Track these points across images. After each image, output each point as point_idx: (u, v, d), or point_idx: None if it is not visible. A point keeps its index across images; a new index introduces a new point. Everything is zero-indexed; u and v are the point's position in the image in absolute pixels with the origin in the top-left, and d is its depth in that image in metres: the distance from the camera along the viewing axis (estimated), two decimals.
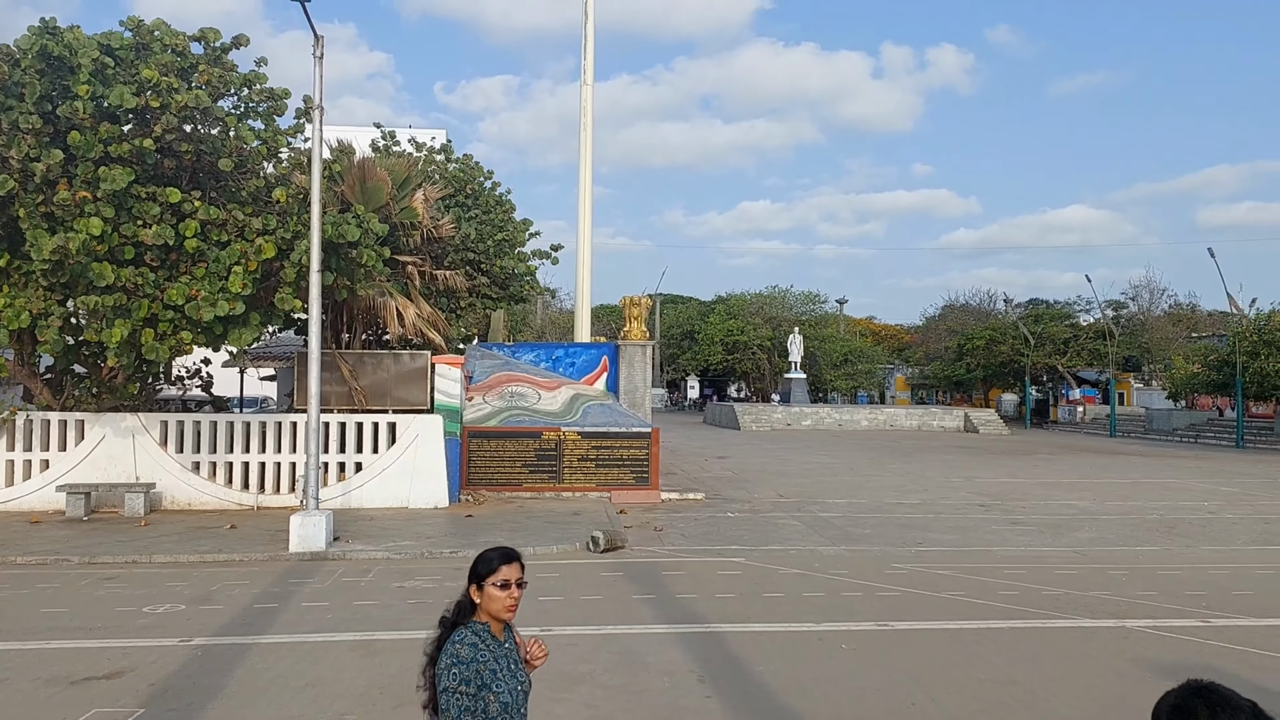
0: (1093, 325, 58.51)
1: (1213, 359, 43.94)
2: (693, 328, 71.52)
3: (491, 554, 3.30)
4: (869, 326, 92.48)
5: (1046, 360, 57.17)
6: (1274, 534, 15.00)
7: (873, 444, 36.86)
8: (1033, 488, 21.64)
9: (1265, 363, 38.75)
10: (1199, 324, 63.80)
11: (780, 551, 12.97)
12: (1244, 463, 30.41)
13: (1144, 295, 66.12)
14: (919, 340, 79.08)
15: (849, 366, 65.88)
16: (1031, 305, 71.59)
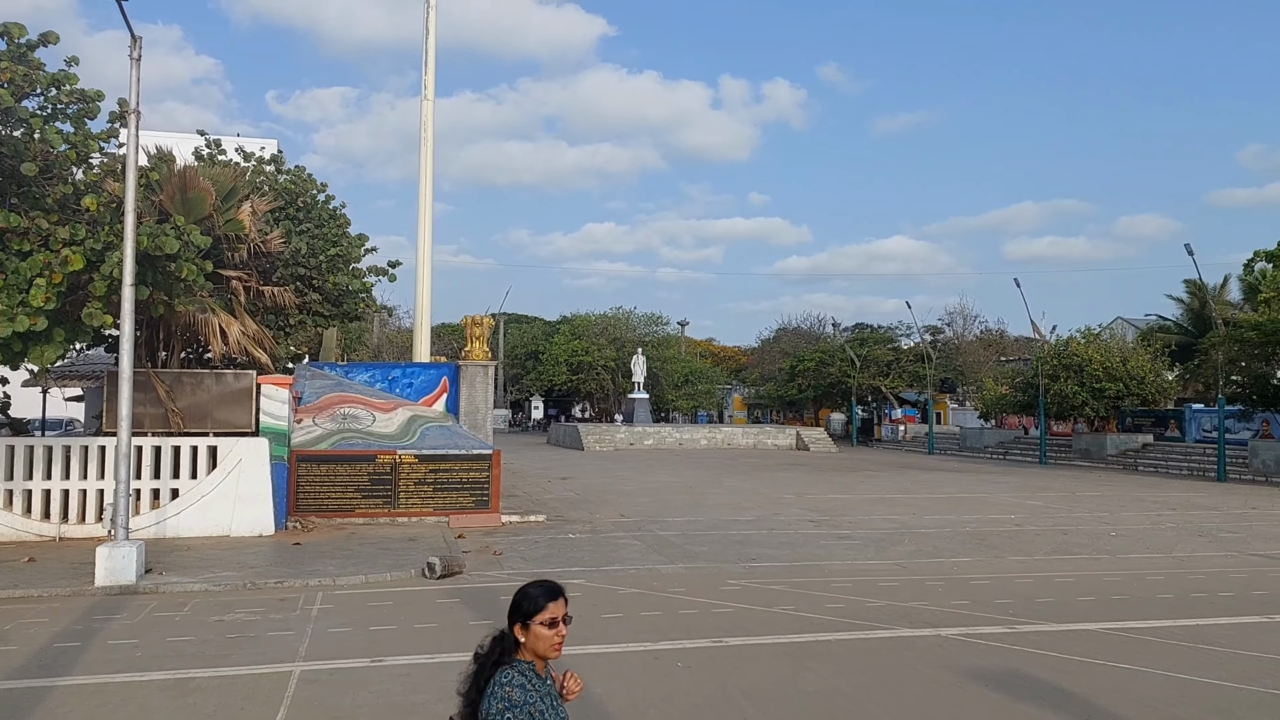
0: (913, 349, 62.05)
1: (1019, 381, 47.43)
2: (537, 348, 71.27)
3: (536, 591, 3.24)
4: (709, 348, 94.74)
5: (871, 381, 60.14)
6: (1072, 544, 16.26)
7: (711, 462, 37.69)
8: (859, 503, 22.66)
9: (1064, 385, 42.13)
10: (1007, 348, 68.70)
11: (620, 571, 13.04)
12: (1046, 478, 32.90)
13: (958, 321, 70.65)
14: (755, 362, 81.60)
15: (690, 387, 67.27)
16: (858, 329, 75.24)
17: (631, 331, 68.77)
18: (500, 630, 3.26)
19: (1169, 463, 37.75)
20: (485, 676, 3.13)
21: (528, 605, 3.19)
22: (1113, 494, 26.36)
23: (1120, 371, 41.57)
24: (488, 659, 3.18)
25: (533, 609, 3.19)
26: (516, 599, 3.22)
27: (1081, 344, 43.99)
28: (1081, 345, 43.73)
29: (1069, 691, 7.70)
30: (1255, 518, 20.78)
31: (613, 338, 67.07)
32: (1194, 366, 45.11)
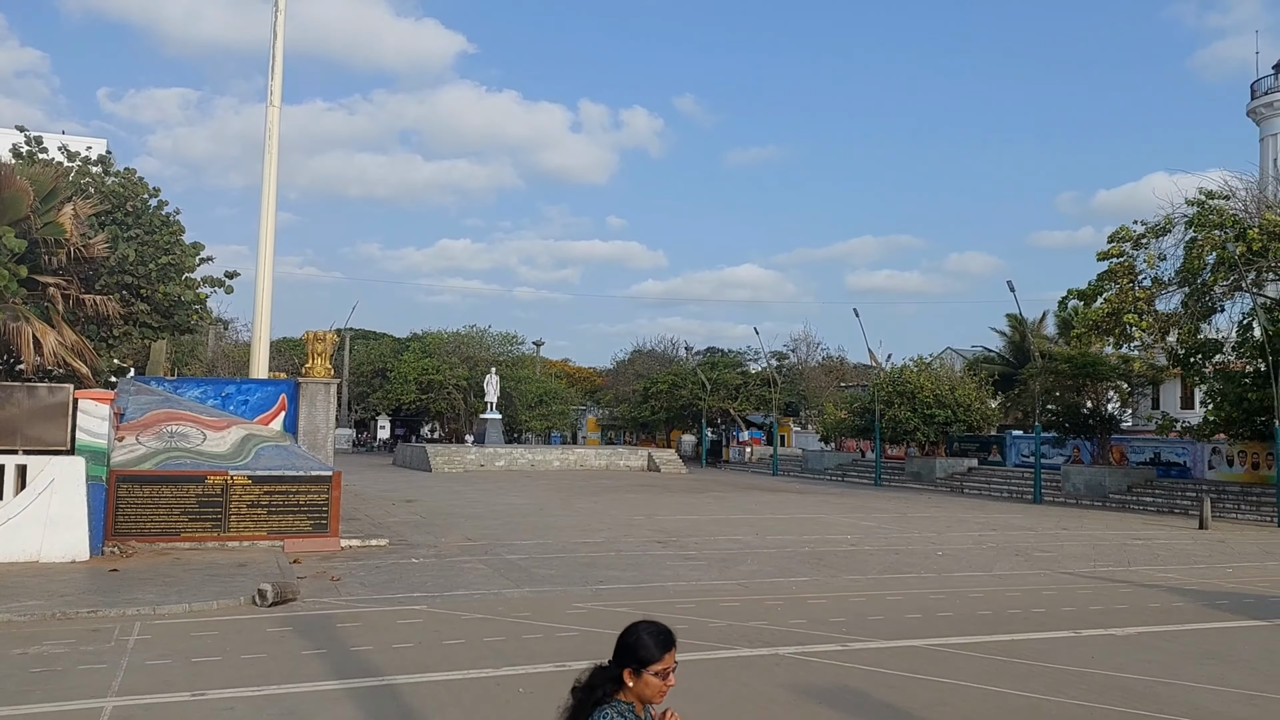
0: (760, 373, 63.92)
1: (857, 406, 49.56)
2: (385, 365, 69.34)
3: (652, 641, 3.19)
4: (564, 368, 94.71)
5: (721, 404, 61.55)
6: (903, 564, 17.05)
7: (563, 484, 37.59)
8: (705, 524, 23.08)
9: (898, 410, 44.31)
10: (847, 374, 71.74)
11: (465, 596, 12.80)
12: (881, 499, 34.45)
13: (802, 347, 73.30)
14: (610, 383, 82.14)
15: (544, 407, 66.97)
16: (709, 353, 76.91)
17: (485, 350, 68.00)
18: (599, 664, 3.25)
19: (992, 485, 40.22)
20: (586, 714, 3.14)
21: (644, 655, 3.17)
22: (941, 515, 27.84)
23: (949, 399, 44.08)
24: (588, 696, 3.17)
25: (648, 659, 3.17)
26: (631, 644, 3.20)
27: (914, 372, 46.43)
28: (914, 373, 46.15)
29: (897, 707, 8.05)
30: (1066, 538, 22.37)
31: (465, 356, 66.09)
32: (1015, 395, 48.41)
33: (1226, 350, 32.65)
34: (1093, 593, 14.23)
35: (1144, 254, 31.75)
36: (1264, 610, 13.01)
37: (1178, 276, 31.23)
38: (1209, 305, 31.73)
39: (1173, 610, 12.93)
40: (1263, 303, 30.12)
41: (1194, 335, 32.58)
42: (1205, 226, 29.89)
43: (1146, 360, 36.95)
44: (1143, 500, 32.96)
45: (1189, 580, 15.83)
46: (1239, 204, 30.50)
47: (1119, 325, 31.70)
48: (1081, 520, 27.34)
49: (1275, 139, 49.54)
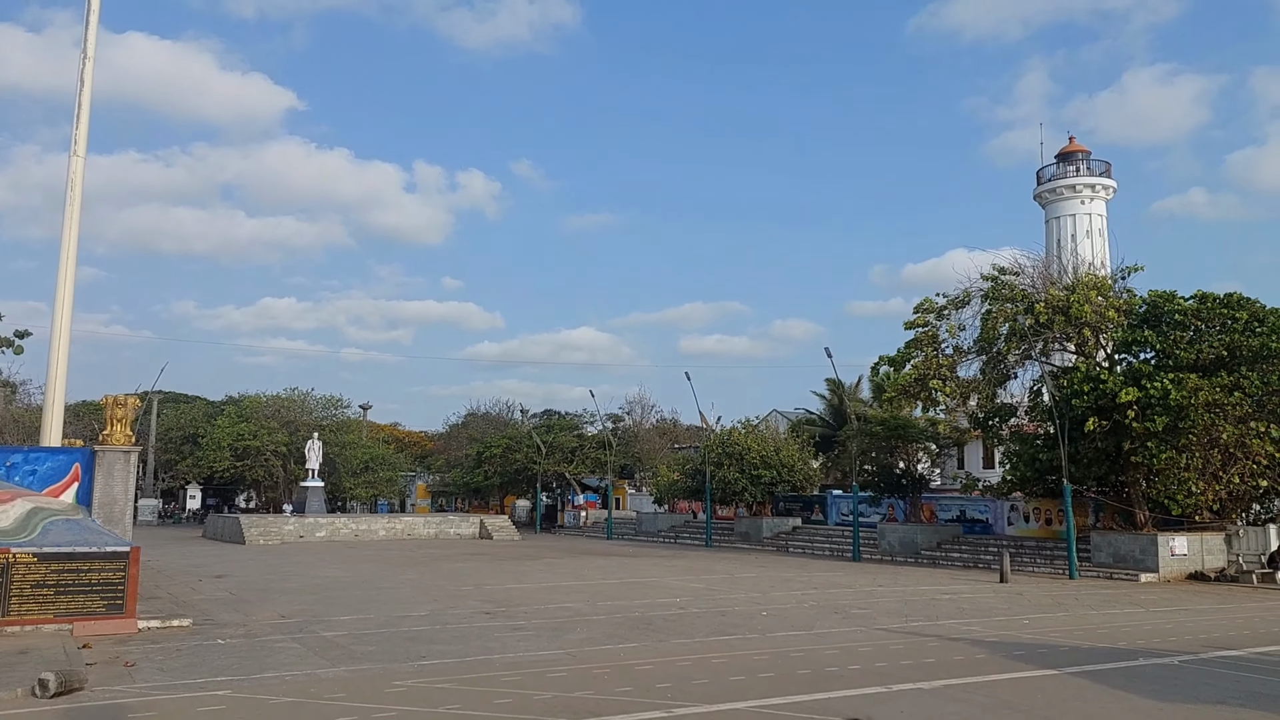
0: (596, 436, 64.16)
1: (689, 468, 50.50)
2: (197, 431, 65.10)
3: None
4: (393, 433, 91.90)
5: (556, 468, 61.26)
6: (729, 625, 17.33)
7: (389, 554, 36.23)
8: (536, 592, 22.75)
9: (728, 472, 45.44)
10: (680, 436, 73.04)
11: (275, 679, 12.05)
12: (710, 560, 35.02)
13: (637, 410, 74.21)
14: (441, 447, 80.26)
15: (370, 474, 64.52)
16: (545, 416, 76.64)
17: (308, 414, 65.08)
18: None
19: (814, 544, 41.66)
20: None
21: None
22: (766, 575, 28.55)
23: (774, 460, 45.62)
24: None
25: None
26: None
27: (742, 434, 47.86)
28: (742, 435, 47.57)
29: None
30: (881, 594, 23.38)
31: (286, 421, 62.98)
32: (834, 456, 50.62)
33: (1020, 414, 35.39)
34: (904, 647, 14.89)
35: (946, 324, 34.17)
36: (1055, 659, 13.97)
37: (976, 345, 33.74)
38: (1004, 372, 34.38)
39: (975, 662, 13.69)
40: (1050, 370, 32.90)
41: (991, 400, 35.19)
42: (999, 300, 32.54)
43: (951, 423, 39.59)
44: (950, 556, 34.94)
45: (990, 632, 16.83)
46: (1028, 280, 33.41)
47: (925, 390, 33.85)
48: (896, 576, 28.67)
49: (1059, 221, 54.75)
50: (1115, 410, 28.33)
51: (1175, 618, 19.43)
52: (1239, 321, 29.08)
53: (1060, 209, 54.57)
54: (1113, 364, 31.44)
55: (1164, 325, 30.08)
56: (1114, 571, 28.79)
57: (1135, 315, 31.23)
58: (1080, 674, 12.83)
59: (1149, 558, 28.48)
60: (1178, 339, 29.36)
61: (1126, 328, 30.87)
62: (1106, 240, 53.28)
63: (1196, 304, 30.11)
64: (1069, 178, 53.95)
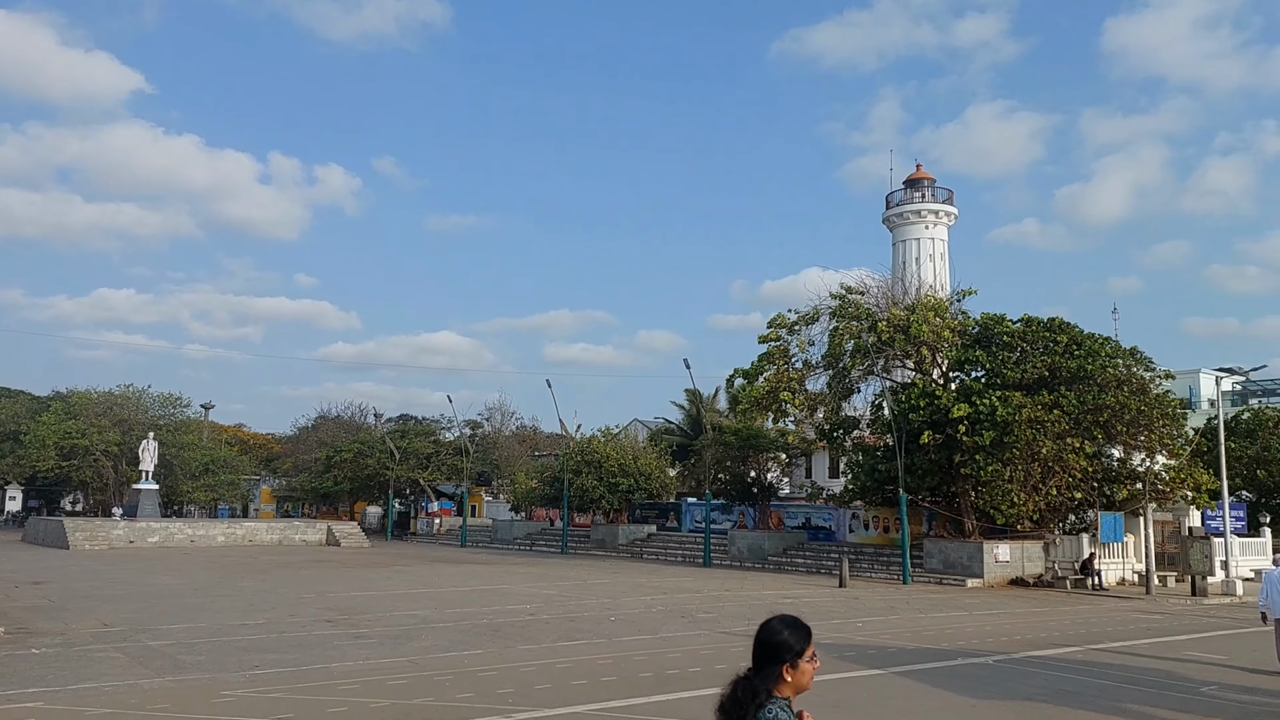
0: (453, 442, 63.18)
1: (547, 475, 50.42)
2: (19, 428, 60.49)
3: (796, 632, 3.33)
4: (238, 434, 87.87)
5: (410, 474, 59.98)
6: (577, 630, 17.45)
7: (228, 561, 34.65)
8: (382, 599, 22.26)
9: (586, 479, 45.62)
10: (540, 444, 72.81)
11: (93, 690, 11.39)
12: (564, 567, 35.07)
13: (497, 416, 73.48)
14: (289, 451, 77.25)
15: (210, 477, 61.47)
16: (401, 420, 74.97)
17: (143, 413, 61.41)
18: (740, 676, 3.31)
19: (668, 550, 42.32)
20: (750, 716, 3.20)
21: (797, 645, 3.30)
22: (619, 581, 28.84)
23: (632, 468, 46.11)
24: (751, 701, 3.23)
25: (802, 648, 3.30)
26: (782, 641, 3.31)
27: (602, 442, 48.17)
28: (602, 443, 47.88)
29: None
30: (728, 599, 24.00)
31: (118, 419, 59.23)
32: (691, 465, 51.51)
33: (863, 426, 37.03)
34: (744, 650, 15.13)
35: (797, 339, 35.44)
36: (884, 660, 14.72)
37: (824, 360, 35.13)
38: (848, 386, 35.91)
39: None
40: (890, 386, 34.58)
41: (837, 412, 36.68)
42: (845, 318, 33.99)
43: (800, 434, 40.99)
44: (795, 562, 36.18)
45: (826, 634, 17.54)
46: (873, 299, 35.04)
47: (776, 402, 35.00)
48: (743, 582, 29.47)
49: (905, 244, 57.58)
50: (948, 425, 30.02)
51: (996, 621, 20.76)
52: (1060, 344, 31.38)
53: (906, 233, 57.41)
54: (947, 381, 33.32)
55: (994, 346, 32.13)
56: (944, 577, 30.48)
57: (969, 336, 33.22)
58: (906, 673, 13.57)
59: (975, 564, 30.29)
60: (1005, 359, 31.41)
61: (960, 347, 32.79)
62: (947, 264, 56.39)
63: (1023, 327, 32.31)
64: (914, 203, 56.84)
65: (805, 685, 3.33)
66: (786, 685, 3.29)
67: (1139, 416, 30.35)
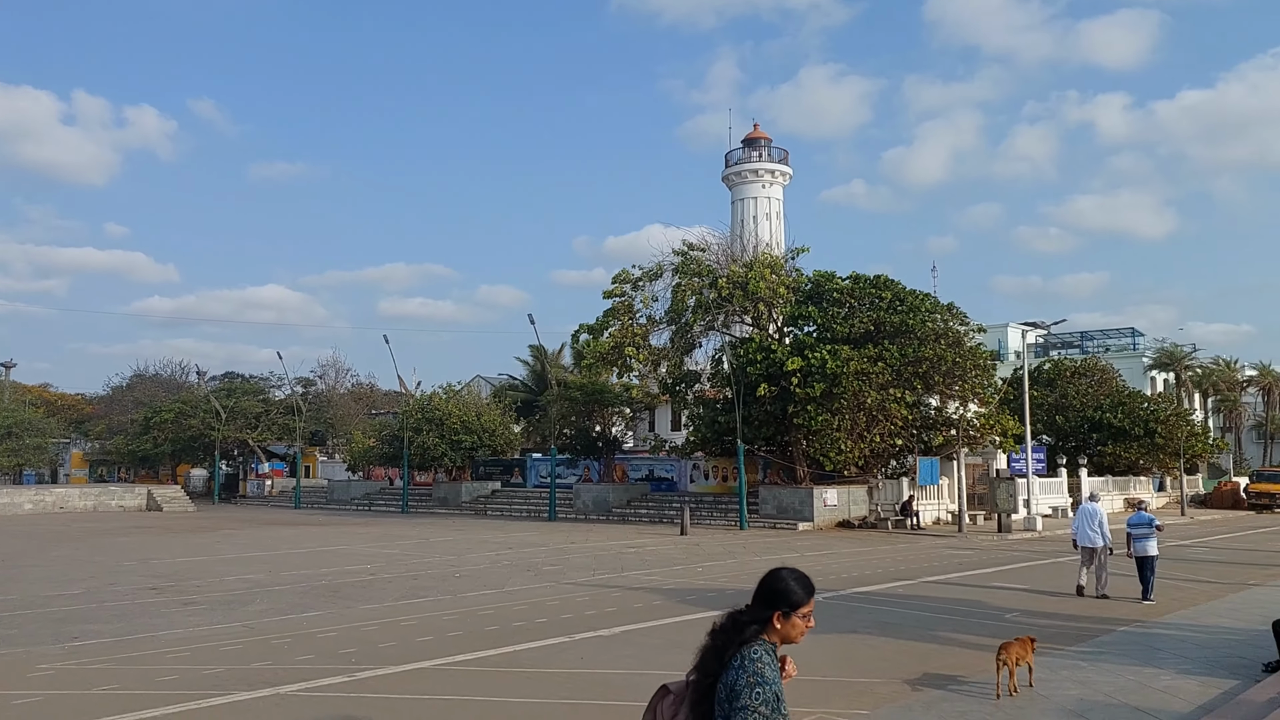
0: (284, 401, 60.71)
1: (386, 434, 49.28)
2: None
3: (798, 585, 3.39)
4: (43, 395, 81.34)
5: (238, 434, 57.31)
6: (420, 588, 17.28)
7: (37, 530, 32.26)
8: (212, 565, 21.34)
9: (427, 437, 44.87)
10: (378, 402, 70.92)
11: None
12: (406, 526, 34.55)
13: (331, 374, 70.94)
14: (102, 412, 72.19)
15: (14, 441, 56.71)
16: (226, 379, 71.28)
17: None
18: (736, 609, 3.38)
19: (513, 506, 42.35)
20: (732, 653, 3.24)
21: (795, 599, 3.36)
22: (463, 538, 28.69)
23: (476, 425, 45.69)
24: (736, 637, 3.28)
25: (799, 602, 3.36)
26: (782, 590, 3.36)
27: (443, 399, 47.45)
28: (443, 400, 47.17)
29: None
30: (573, 551, 24.33)
31: None
32: (536, 420, 51.61)
33: (704, 380, 38.06)
34: (589, 599, 15.66)
35: (641, 295, 35.92)
36: (722, 601, 15.31)
37: (667, 316, 35.79)
38: (690, 342, 36.77)
39: (653, 608, 14.71)
40: (729, 341, 35.62)
41: (679, 367, 37.54)
42: (687, 274, 34.67)
43: (643, 388, 41.73)
44: (639, 513, 36.99)
45: (669, 580, 18.12)
46: (713, 257, 35.85)
47: (621, 357, 35.46)
48: (588, 534, 29.91)
49: (743, 203, 58.97)
50: (783, 377, 31.28)
51: (824, 561, 21.97)
52: (885, 300, 33.12)
53: (744, 191, 58.80)
54: (782, 336, 34.62)
55: (825, 302, 33.58)
56: (778, 522, 31.93)
57: (802, 292, 34.57)
58: None
59: (806, 509, 31.87)
60: (835, 314, 32.91)
61: (795, 303, 34.10)
62: (783, 223, 58.23)
63: (851, 284, 33.89)
64: (752, 162, 58.21)
65: (794, 638, 3.40)
66: (775, 632, 3.35)
67: (954, 368, 32.52)
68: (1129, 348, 69.85)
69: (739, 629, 3.32)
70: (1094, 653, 11.21)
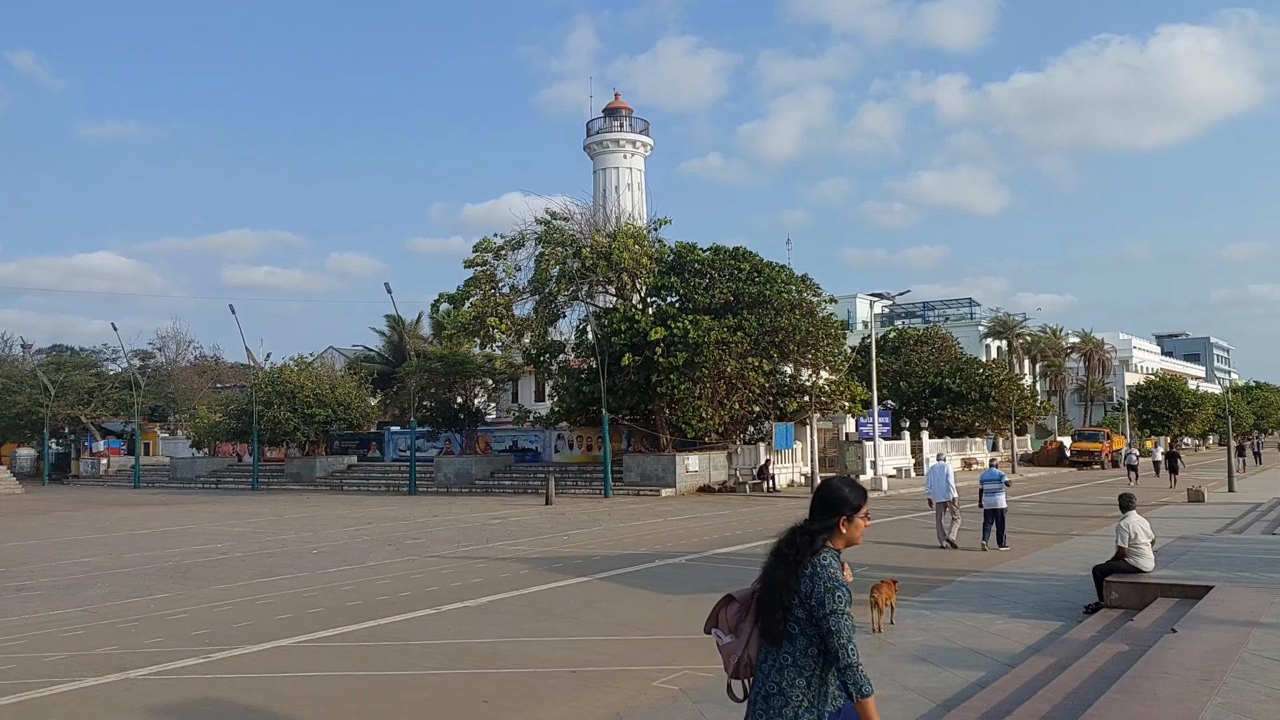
0: (120, 375, 57.22)
1: (233, 408, 47.17)
2: None
3: (855, 489, 3.63)
4: None
5: (70, 411, 53.70)
6: (276, 566, 16.74)
7: None
8: (46, 548, 20.04)
9: (278, 411, 43.21)
10: (223, 375, 67.70)
11: None
12: (257, 503, 33.28)
13: (171, 346, 67.32)
14: None
15: None
16: (54, 352, 66.52)
17: None
18: (799, 524, 3.59)
19: (371, 481, 41.40)
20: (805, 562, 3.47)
21: (855, 500, 3.60)
22: (319, 514, 27.89)
23: (330, 398, 44.30)
24: (809, 544, 3.50)
25: (860, 502, 3.61)
26: (841, 497, 3.59)
27: (294, 372, 45.73)
28: (294, 373, 45.45)
29: (260, 708, 7.95)
30: (435, 524, 24.04)
31: None
32: (393, 393, 50.46)
33: (568, 350, 38.11)
34: (454, 571, 15.56)
35: (503, 264, 35.55)
36: (588, 568, 15.53)
37: (530, 285, 35.57)
38: (555, 312, 36.71)
39: (519, 577, 14.75)
40: (594, 311, 35.75)
41: (544, 337, 37.44)
42: (551, 244, 34.52)
43: (507, 359, 41.42)
44: (503, 484, 36.85)
45: (534, 550, 18.19)
46: (577, 226, 35.80)
47: (483, 328, 35.06)
48: (450, 507, 29.61)
49: (605, 172, 59.02)
50: (647, 347, 31.69)
51: (687, 525, 22.51)
52: (743, 272, 33.94)
53: (606, 161, 58.84)
54: (646, 306, 35.01)
55: (687, 273, 34.13)
56: (641, 489, 32.45)
57: (665, 263, 35.01)
58: (608, 578, 14.43)
59: (669, 475, 32.51)
60: (697, 285, 33.51)
61: (657, 274, 34.51)
62: (644, 193, 58.67)
63: (712, 255, 34.55)
64: (614, 132, 58.28)
65: (856, 539, 3.66)
66: (840, 537, 3.60)
67: (808, 337, 33.73)
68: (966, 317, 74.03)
69: (811, 540, 3.53)
70: (935, 601, 11.98)
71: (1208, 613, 9.05)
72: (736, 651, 3.65)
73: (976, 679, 7.98)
